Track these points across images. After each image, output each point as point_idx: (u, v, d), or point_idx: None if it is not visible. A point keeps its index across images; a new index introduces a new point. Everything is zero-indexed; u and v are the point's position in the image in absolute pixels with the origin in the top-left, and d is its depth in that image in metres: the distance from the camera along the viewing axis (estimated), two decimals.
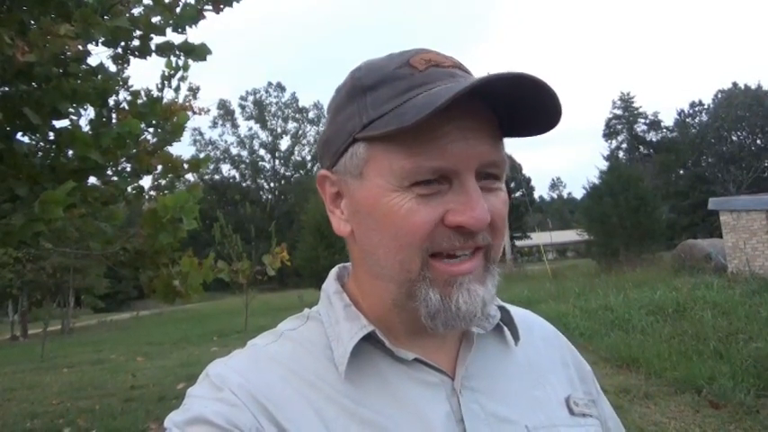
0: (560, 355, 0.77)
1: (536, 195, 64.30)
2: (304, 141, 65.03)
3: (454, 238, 0.57)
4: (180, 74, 4.24)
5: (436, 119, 0.53)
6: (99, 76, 3.62)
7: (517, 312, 0.75)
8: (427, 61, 0.59)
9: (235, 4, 3.82)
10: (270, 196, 61.60)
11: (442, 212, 0.56)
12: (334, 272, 0.73)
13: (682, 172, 51.23)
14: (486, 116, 0.58)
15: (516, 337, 0.70)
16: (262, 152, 64.77)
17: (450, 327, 0.59)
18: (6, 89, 3.34)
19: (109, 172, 3.88)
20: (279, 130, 64.55)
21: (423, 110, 0.52)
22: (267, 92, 64.60)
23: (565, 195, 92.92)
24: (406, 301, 0.60)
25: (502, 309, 0.71)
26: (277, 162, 64.64)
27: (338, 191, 0.64)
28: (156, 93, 4.21)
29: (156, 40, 3.85)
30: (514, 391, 0.66)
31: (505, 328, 0.71)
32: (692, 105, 55.12)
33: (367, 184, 0.59)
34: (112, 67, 3.94)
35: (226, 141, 63.95)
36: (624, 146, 57.06)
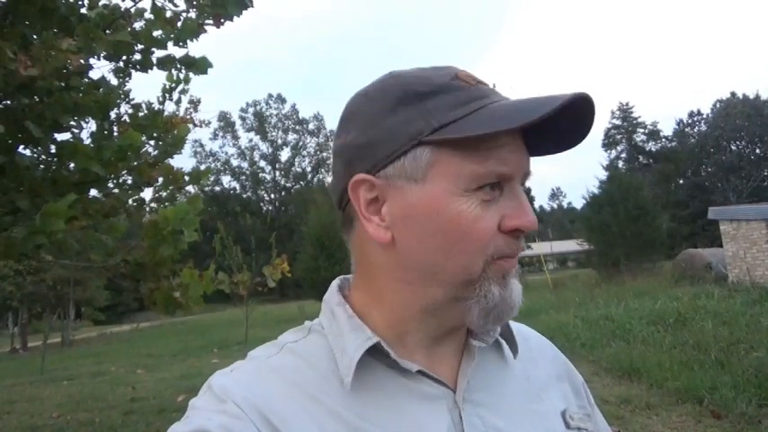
0: (555, 368, 0.78)
1: (536, 205, 64.32)
2: (304, 153, 65.21)
3: (511, 242, 0.61)
4: (181, 87, 4.27)
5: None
6: (100, 90, 3.65)
7: (514, 326, 0.75)
8: (472, 78, 0.62)
9: (235, 17, 3.85)
10: (270, 207, 61.61)
11: (499, 218, 0.59)
12: (335, 283, 0.72)
13: (681, 181, 51.31)
14: (521, 132, 0.61)
15: (515, 351, 0.71)
16: (262, 163, 64.92)
17: (500, 321, 0.63)
18: (8, 102, 3.36)
19: (110, 184, 3.89)
20: (279, 141, 64.71)
21: (520, 115, 0.55)
22: (267, 103, 64.83)
23: (565, 205, 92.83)
24: (450, 304, 0.61)
25: None
26: (277, 173, 64.74)
27: (377, 196, 0.63)
28: (157, 106, 4.24)
29: (158, 53, 3.88)
30: (514, 405, 0.67)
31: (503, 342, 0.72)
32: (691, 115, 55.38)
33: (430, 187, 0.59)
34: (114, 81, 3.97)
35: (226, 153, 64.16)
36: (623, 156, 57.14)
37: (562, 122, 0.59)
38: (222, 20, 3.80)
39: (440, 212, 0.59)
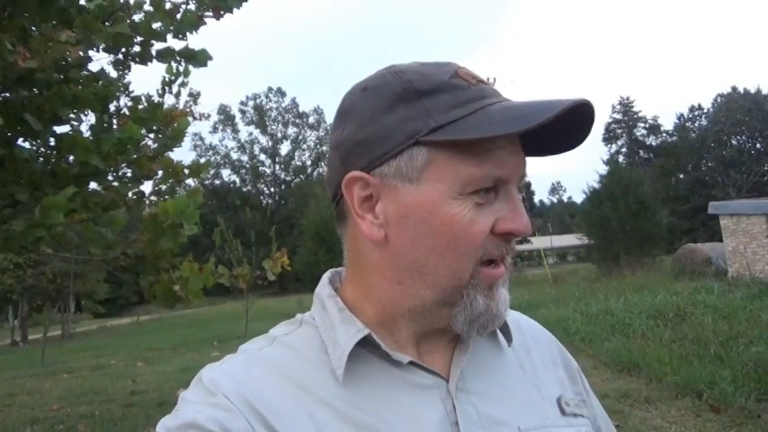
0: (550, 354, 0.77)
1: (536, 200, 64.47)
2: (304, 146, 65.11)
3: (502, 245, 0.61)
4: (180, 79, 4.25)
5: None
6: (100, 82, 3.64)
7: (508, 314, 0.75)
8: (473, 76, 0.61)
9: (235, 10, 3.84)
10: (270, 201, 61.58)
11: (493, 221, 0.59)
12: (326, 276, 0.73)
13: (682, 176, 51.25)
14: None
15: (509, 339, 0.70)
16: (262, 157, 64.78)
17: (484, 330, 0.63)
18: (7, 95, 3.35)
19: (109, 177, 3.89)
20: (279, 134, 64.55)
21: (520, 121, 0.55)
22: (267, 97, 64.61)
23: (565, 200, 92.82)
24: (438, 307, 0.61)
25: None
26: (277, 167, 64.61)
27: (371, 194, 0.62)
28: (156, 98, 4.23)
29: (157, 46, 3.88)
30: (508, 393, 0.67)
31: (498, 331, 0.71)
32: (692, 109, 55.16)
33: (424, 189, 0.59)
34: (113, 73, 3.97)
35: (226, 146, 63.95)
36: (624, 150, 57.13)
37: (561, 126, 0.58)
38: (222, 12, 3.79)
39: (433, 214, 0.58)
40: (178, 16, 3.75)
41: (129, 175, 4.03)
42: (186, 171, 4.33)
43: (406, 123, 0.59)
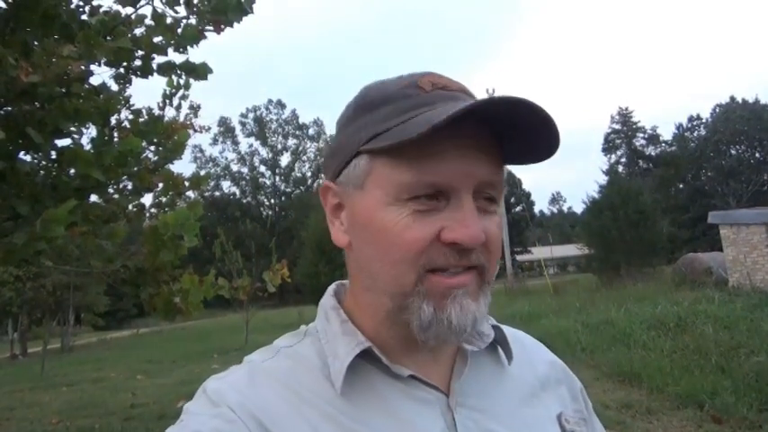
0: (553, 372, 0.78)
1: (536, 210, 64.37)
2: (304, 158, 65.22)
3: (449, 254, 0.58)
4: (181, 92, 4.27)
5: (437, 137, 0.55)
6: (101, 96, 3.65)
7: (510, 332, 0.76)
8: (434, 84, 0.61)
9: (235, 24, 3.86)
10: (270, 213, 61.54)
11: (438, 229, 0.58)
12: (331, 288, 0.73)
13: (681, 186, 51.28)
14: (486, 139, 0.60)
15: (509, 357, 0.71)
16: (262, 169, 64.92)
17: (442, 340, 0.60)
18: (9, 109, 3.37)
19: (110, 190, 3.89)
20: (279, 146, 64.75)
21: (423, 126, 0.53)
22: (267, 109, 64.91)
23: (565, 210, 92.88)
24: (398, 313, 0.60)
25: (496, 328, 0.72)
26: (277, 178, 64.71)
27: (339, 202, 0.66)
28: (157, 111, 4.25)
29: (158, 59, 3.89)
30: (508, 409, 0.67)
31: (499, 347, 0.72)
32: (691, 119, 55.30)
33: (367, 196, 0.61)
34: (114, 87, 3.98)
35: (226, 158, 64.17)
36: (623, 160, 57.12)
37: (529, 127, 0.57)
38: (222, 26, 3.81)
39: (372, 221, 0.60)
40: (179, 30, 3.77)
41: (129, 187, 4.03)
42: (186, 183, 4.34)
43: (354, 134, 0.62)
